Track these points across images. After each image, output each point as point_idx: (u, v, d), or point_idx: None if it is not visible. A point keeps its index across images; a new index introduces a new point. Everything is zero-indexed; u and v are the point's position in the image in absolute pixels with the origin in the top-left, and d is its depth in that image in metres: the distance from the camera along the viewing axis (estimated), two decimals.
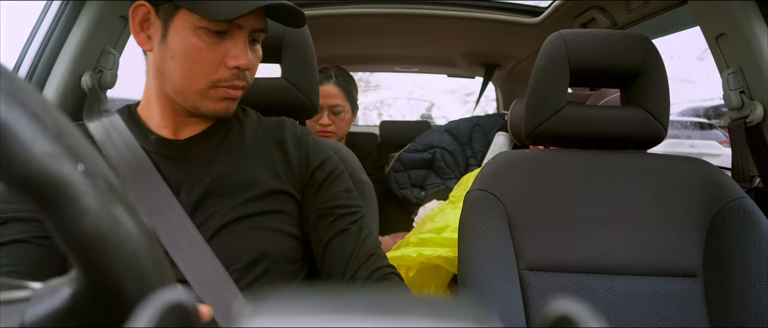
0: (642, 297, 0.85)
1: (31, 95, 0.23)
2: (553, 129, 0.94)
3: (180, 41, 0.65)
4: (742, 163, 1.19)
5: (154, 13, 0.67)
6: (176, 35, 0.65)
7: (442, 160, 2.15)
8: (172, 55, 0.66)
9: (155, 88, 0.71)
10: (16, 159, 0.21)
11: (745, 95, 1.15)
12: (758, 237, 0.84)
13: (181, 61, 0.66)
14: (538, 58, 0.96)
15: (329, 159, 0.79)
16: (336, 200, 0.76)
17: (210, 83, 0.68)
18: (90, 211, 0.22)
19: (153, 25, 0.67)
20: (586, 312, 0.18)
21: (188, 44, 0.65)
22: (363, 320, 0.17)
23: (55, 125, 0.23)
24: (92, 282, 0.24)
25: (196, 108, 0.70)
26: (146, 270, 0.24)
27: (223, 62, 0.67)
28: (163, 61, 0.67)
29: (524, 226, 0.88)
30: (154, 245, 0.25)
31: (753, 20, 1.07)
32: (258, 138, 0.77)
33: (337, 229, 0.74)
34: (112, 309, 0.24)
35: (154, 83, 0.71)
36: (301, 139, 0.79)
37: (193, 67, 0.66)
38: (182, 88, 0.68)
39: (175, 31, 0.65)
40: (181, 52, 0.66)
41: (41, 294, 0.26)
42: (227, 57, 0.67)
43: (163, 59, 0.67)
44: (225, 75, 0.68)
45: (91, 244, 0.22)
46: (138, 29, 0.68)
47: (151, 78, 0.72)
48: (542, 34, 1.22)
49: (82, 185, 0.23)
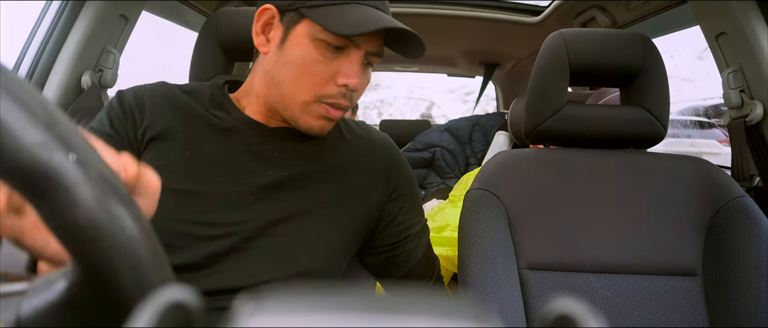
0: (642, 296, 0.85)
1: (20, 85, 0.22)
2: (553, 128, 0.94)
3: (298, 49, 0.66)
4: (741, 162, 1.19)
5: (278, 19, 0.68)
6: (295, 43, 0.66)
7: (442, 160, 2.16)
8: (285, 61, 0.67)
9: (260, 90, 0.72)
10: (5, 149, 0.21)
11: (745, 94, 1.15)
12: (758, 236, 0.84)
13: (294, 68, 0.67)
14: (538, 57, 0.96)
15: (415, 187, 0.85)
16: (412, 227, 0.83)
17: (315, 97, 0.67)
18: (83, 201, 0.22)
19: (275, 29, 0.68)
20: (585, 311, 0.18)
21: (305, 53, 0.66)
22: (363, 320, 0.17)
23: (46, 115, 0.23)
24: (87, 274, 0.23)
25: (294, 119, 0.70)
26: (142, 261, 0.23)
27: (333, 78, 0.67)
28: (276, 66, 0.68)
29: (524, 225, 0.88)
30: (151, 236, 0.24)
31: (753, 19, 1.08)
32: (350, 151, 0.78)
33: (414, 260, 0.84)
34: (108, 301, 0.24)
35: (260, 85, 0.72)
36: (393, 162, 0.82)
37: (304, 77, 0.66)
38: (288, 95, 0.68)
39: (295, 38, 0.66)
40: (296, 60, 0.66)
41: (37, 287, 0.26)
42: (339, 74, 0.67)
43: (276, 64, 0.68)
44: (332, 91, 0.67)
45: (84, 235, 0.22)
46: (259, 31, 0.69)
47: (258, 80, 0.73)
48: (542, 33, 1.22)
49: (75, 174, 0.22)
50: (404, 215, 0.81)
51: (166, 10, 1.58)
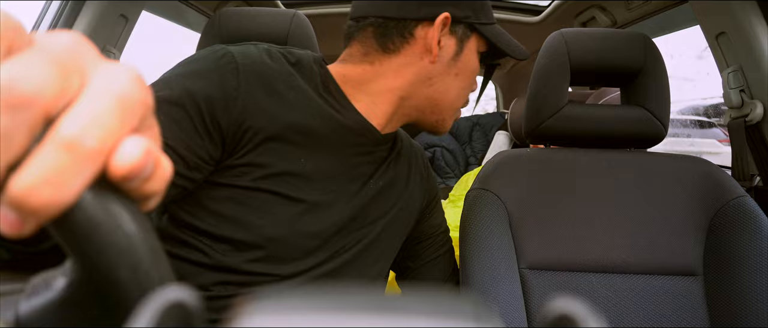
0: (642, 296, 0.85)
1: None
2: (554, 128, 0.94)
3: (471, 63, 0.71)
4: (742, 161, 1.19)
5: (448, 28, 0.68)
6: (470, 57, 0.71)
7: (442, 159, 2.16)
8: (458, 72, 0.70)
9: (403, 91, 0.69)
10: None
11: (745, 94, 1.15)
12: (758, 236, 0.84)
13: (464, 79, 0.71)
14: (539, 57, 0.96)
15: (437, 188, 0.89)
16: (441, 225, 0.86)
17: (464, 103, 0.75)
18: (81, 199, 0.22)
19: (445, 38, 0.68)
20: (586, 311, 0.18)
21: (474, 67, 0.72)
22: (363, 320, 0.17)
23: None
24: (86, 271, 0.23)
25: (438, 123, 0.73)
26: (141, 258, 0.23)
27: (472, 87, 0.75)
28: (445, 75, 0.69)
29: (525, 225, 0.88)
30: (150, 233, 0.24)
31: (753, 19, 1.08)
32: (408, 155, 0.81)
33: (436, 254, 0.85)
34: (108, 299, 0.24)
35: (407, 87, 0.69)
36: (427, 166, 0.87)
37: (467, 88, 0.73)
38: (449, 102, 0.72)
39: (469, 52, 0.71)
40: (468, 72, 0.71)
41: (36, 286, 0.26)
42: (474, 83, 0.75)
43: (444, 73, 0.69)
44: (468, 97, 0.76)
45: (82, 232, 0.22)
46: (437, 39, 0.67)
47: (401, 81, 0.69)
48: (543, 33, 1.22)
49: None
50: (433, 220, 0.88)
51: (166, 10, 1.58)
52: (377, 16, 0.67)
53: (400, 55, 0.68)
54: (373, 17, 0.68)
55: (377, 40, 0.68)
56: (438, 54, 0.67)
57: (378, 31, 0.67)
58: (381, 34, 0.67)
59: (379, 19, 0.67)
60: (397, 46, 0.67)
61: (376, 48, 0.68)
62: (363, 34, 0.69)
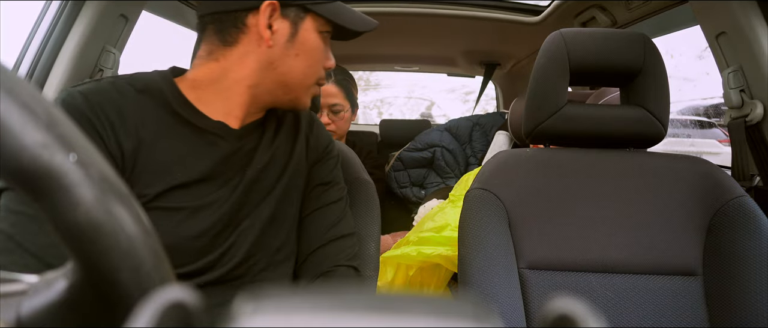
0: (642, 296, 0.85)
1: (21, 85, 0.22)
2: (553, 128, 0.94)
3: (310, 42, 0.74)
4: (742, 161, 1.19)
5: (278, 13, 0.72)
6: (307, 36, 0.74)
7: (442, 159, 2.16)
8: (297, 53, 0.74)
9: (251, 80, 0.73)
10: (6, 149, 0.21)
11: (745, 94, 1.15)
12: (758, 236, 0.84)
13: (305, 59, 0.75)
14: (539, 57, 0.96)
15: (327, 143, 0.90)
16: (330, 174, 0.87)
17: (316, 80, 0.79)
18: (83, 201, 0.22)
19: (277, 23, 0.72)
20: (585, 311, 0.18)
21: (316, 45, 0.75)
22: (363, 320, 0.17)
23: (47, 115, 0.23)
24: (88, 273, 0.23)
25: (295, 100, 0.78)
26: (142, 261, 0.23)
27: (323, 63, 0.79)
28: (284, 57, 0.73)
29: (524, 224, 0.88)
30: (151, 236, 0.24)
31: (753, 19, 1.08)
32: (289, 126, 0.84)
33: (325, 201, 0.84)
34: (109, 301, 0.24)
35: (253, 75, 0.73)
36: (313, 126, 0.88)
37: (313, 65, 0.76)
38: (297, 82, 0.76)
39: (306, 32, 0.74)
40: (309, 51, 0.75)
41: (37, 287, 0.26)
42: (326, 60, 0.79)
43: (284, 56, 0.73)
44: (322, 74, 0.80)
45: (85, 234, 0.22)
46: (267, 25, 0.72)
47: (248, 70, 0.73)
48: (542, 33, 1.22)
49: (75, 174, 0.22)
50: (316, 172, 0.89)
51: (166, 10, 1.58)
52: (212, 13, 0.72)
53: (239, 46, 0.72)
54: (209, 15, 0.73)
55: (217, 35, 0.72)
56: (271, 38, 0.71)
57: (216, 26, 0.72)
58: (219, 30, 0.72)
59: (214, 16, 0.72)
60: (235, 37, 0.72)
61: (217, 44, 0.73)
62: (206, 34, 0.73)
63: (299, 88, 0.77)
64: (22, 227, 0.56)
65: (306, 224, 0.83)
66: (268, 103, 0.78)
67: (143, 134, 0.67)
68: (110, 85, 0.68)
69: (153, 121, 0.69)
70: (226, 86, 0.73)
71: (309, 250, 0.82)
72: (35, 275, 0.27)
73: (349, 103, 1.62)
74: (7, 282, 0.26)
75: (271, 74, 0.74)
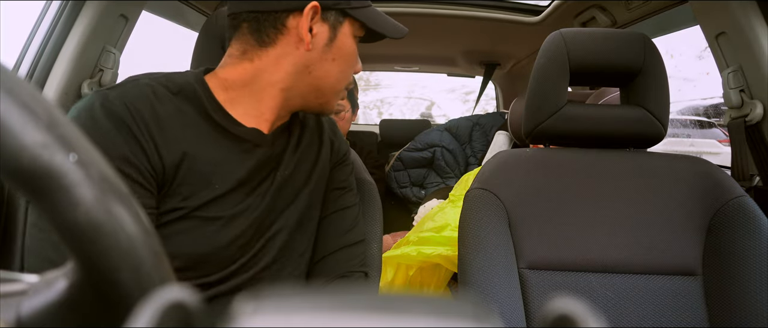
0: (642, 295, 0.85)
1: (20, 85, 0.22)
2: (553, 128, 0.94)
3: (347, 47, 0.74)
4: (741, 161, 1.19)
5: (318, 16, 0.70)
6: (344, 40, 0.73)
7: (442, 159, 2.16)
8: (334, 57, 0.73)
9: (284, 83, 0.72)
10: (7, 149, 0.21)
11: (745, 94, 1.15)
12: (758, 236, 0.84)
13: (340, 63, 0.74)
14: (538, 57, 0.96)
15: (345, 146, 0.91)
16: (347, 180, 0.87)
17: (346, 84, 0.78)
18: (83, 201, 0.22)
19: (317, 26, 0.71)
20: (585, 311, 0.18)
21: (352, 50, 0.75)
22: (363, 320, 0.17)
23: (47, 115, 0.23)
24: (88, 273, 0.23)
25: (324, 104, 0.77)
26: (143, 261, 0.23)
27: (353, 69, 0.79)
28: (321, 61, 0.72)
29: (524, 224, 0.88)
30: (151, 236, 0.24)
31: (753, 19, 1.08)
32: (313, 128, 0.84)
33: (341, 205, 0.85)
34: (109, 301, 0.24)
35: (287, 78, 0.72)
36: (334, 130, 0.89)
37: (346, 70, 0.76)
38: (329, 87, 0.75)
39: (343, 36, 0.73)
40: (344, 56, 0.74)
41: (37, 287, 0.26)
42: (356, 64, 0.79)
43: (321, 60, 0.72)
44: (351, 79, 0.80)
45: (85, 234, 0.22)
46: (308, 27, 0.70)
47: (284, 73, 0.71)
48: (542, 33, 1.22)
49: (75, 175, 0.22)
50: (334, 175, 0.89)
51: (166, 10, 1.58)
52: (250, 12, 0.70)
53: (276, 47, 0.70)
54: (246, 13, 0.70)
55: (253, 35, 0.70)
56: (311, 41, 0.70)
57: (252, 25, 0.70)
58: (256, 29, 0.70)
59: (252, 15, 0.70)
60: (272, 38, 0.70)
61: (253, 44, 0.70)
62: (240, 32, 0.71)
63: (330, 92, 0.76)
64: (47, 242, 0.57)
65: (322, 227, 0.83)
66: (298, 107, 0.76)
67: (184, 146, 0.65)
68: (148, 89, 0.66)
69: (191, 130, 0.67)
70: (259, 88, 0.71)
71: (324, 253, 0.81)
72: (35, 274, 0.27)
73: (350, 104, 1.62)
74: (7, 282, 0.26)
75: (306, 78, 0.72)
